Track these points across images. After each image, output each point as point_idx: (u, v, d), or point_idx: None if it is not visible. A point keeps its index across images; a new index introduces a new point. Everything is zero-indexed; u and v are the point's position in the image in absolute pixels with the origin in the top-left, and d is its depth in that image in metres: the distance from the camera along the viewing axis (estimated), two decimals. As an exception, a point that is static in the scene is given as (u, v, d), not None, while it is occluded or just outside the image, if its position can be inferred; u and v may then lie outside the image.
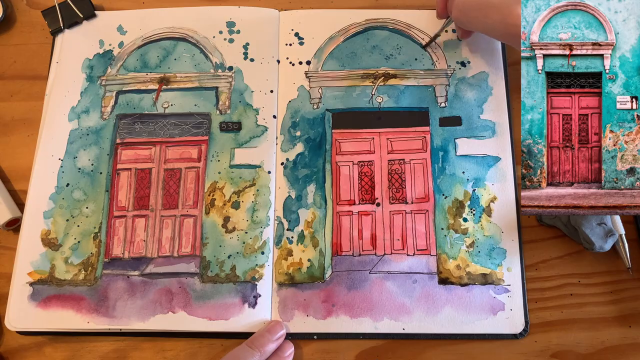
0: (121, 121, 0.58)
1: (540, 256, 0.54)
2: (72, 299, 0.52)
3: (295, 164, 0.56)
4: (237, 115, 0.58)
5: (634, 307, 0.52)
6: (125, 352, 0.52)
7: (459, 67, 0.59)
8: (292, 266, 0.53)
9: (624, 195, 0.59)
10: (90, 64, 0.61)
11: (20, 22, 0.65)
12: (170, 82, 0.60)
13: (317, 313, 0.51)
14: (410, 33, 0.61)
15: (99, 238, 0.54)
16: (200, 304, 0.52)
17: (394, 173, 0.56)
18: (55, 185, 0.56)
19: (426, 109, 0.58)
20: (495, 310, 0.51)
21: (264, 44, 0.61)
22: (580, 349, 0.51)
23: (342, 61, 0.60)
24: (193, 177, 0.56)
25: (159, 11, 0.62)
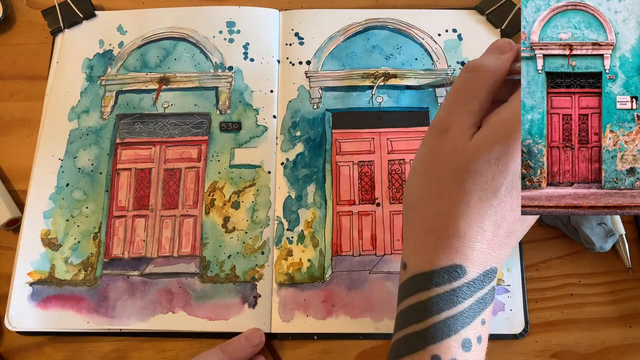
0: (121, 121, 0.58)
1: (540, 256, 0.54)
2: (72, 299, 0.52)
3: (295, 164, 0.56)
4: (237, 115, 0.58)
5: (634, 307, 0.52)
6: (125, 352, 0.52)
7: (459, 67, 0.59)
8: (292, 266, 0.53)
9: (624, 195, 0.59)
10: (90, 64, 0.61)
11: (20, 22, 0.65)
12: (170, 82, 0.60)
13: (317, 313, 0.51)
14: (410, 33, 0.61)
15: (98, 238, 0.54)
16: (200, 304, 0.52)
17: (394, 173, 0.56)
18: (55, 185, 0.56)
19: (426, 109, 0.58)
20: (495, 311, 0.51)
21: (264, 44, 0.61)
22: (581, 349, 0.51)
23: (342, 61, 0.60)
24: (193, 177, 0.56)
25: (159, 11, 0.62)
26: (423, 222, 0.38)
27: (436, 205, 0.37)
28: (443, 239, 0.36)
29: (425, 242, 0.37)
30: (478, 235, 0.36)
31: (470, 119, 0.37)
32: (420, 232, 0.38)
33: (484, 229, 0.36)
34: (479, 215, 0.35)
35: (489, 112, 0.38)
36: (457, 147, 0.36)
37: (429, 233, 0.37)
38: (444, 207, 0.36)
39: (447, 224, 0.36)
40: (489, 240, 0.36)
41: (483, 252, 0.36)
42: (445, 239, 0.36)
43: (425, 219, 0.37)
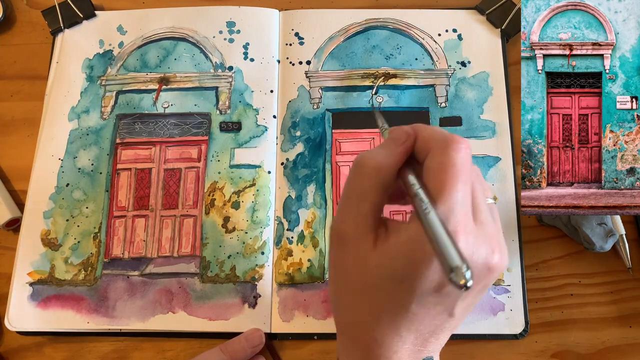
0: (121, 121, 0.58)
1: (541, 256, 0.54)
2: (72, 299, 0.52)
3: (295, 164, 0.56)
4: (237, 115, 0.58)
5: (635, 307, 0.52)
6: (125, 352, 0.52)
7: (459, 67, 0.59)
8: (292, 266, 0.53)
9: (624, 195, 0.59)
10: (90, 64, 0.61)
11: (20, 22, 0.65)
12: (170, 82, 0.60)
13: (317, 313, 0.51)
14: (410, 33, 0.61)
15: (98, 238, 0.54)
16: (200, 304, 0.52)
17: (394, 173, 0.56)
18: (55, 185, 0.56)
19: (426, 109, 0.58)
20: (495, 311, 0.51)
21: (264, 44, 0.61)
22: (581, 349, 0.51)
23: (342, 61, 0.60)
24: (193, 177, 0.56)
25: (159, 11, 0.62)
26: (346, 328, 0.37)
27: (351, 315, 0.36)
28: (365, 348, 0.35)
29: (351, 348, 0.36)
30: (399, 342, 0.34)
31: (364, 223, 0.34)
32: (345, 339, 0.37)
33: (401, 335, 0.34)
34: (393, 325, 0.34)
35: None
36: (359, 259, 0.34)
37: (352, 340, 0.36)
38: (357, 317, 0.35)
39: (365, 334, 0.35)
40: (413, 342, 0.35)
41: (409, 351, 0.35)
42: (367, 348, 0.35)
43: (347, 326, 0.37)
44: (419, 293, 0.32)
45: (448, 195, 0.31)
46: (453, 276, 0.26)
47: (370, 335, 0.34)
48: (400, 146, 0.35)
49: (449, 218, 0.30)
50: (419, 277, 0.31)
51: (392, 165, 0.34)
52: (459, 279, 0.26)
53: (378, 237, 0.33)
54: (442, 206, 0.30)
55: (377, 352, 0.34)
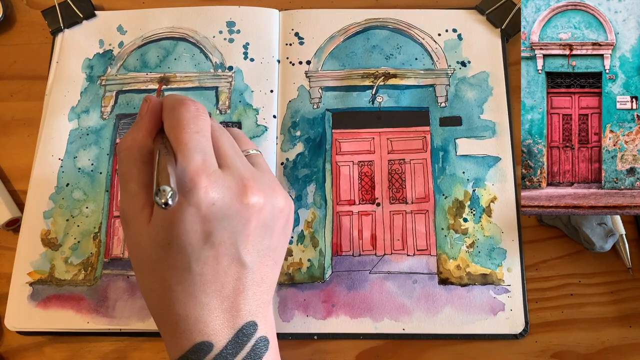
0: (121, 121, 0.58)
1: (541, 256, 0.54)
2: (72, 299, 0.52)
3: (295, 164, 0.56)
4: (237, 115, 0.58)
5: (635, 307, 0.52)
6: (125, 352, 0.52)
7: (459, 67, 0.59)
8: (292, 266, 0.53)
9: (624, 195, 0.59)
10: (90, 64, 0.61)
11: (20, 22, 0.65)
12: (170, 81, 0.60)
13: (317, 313, 0.51)
14: (410, 33, 0.61)
15: (98, 238, 0.54)
16: (200, 304, 0.51)
17: (394, 173, 0.56)
18: (55, 185, 0.56)
19: (426, 108, 0.58)
20: (495, 311, 0.51)
21: (264, 44, 0.61)
22: (581, 349, 0.51)
23: (342, 61, 0.60)
24: (193, 177, 0.56)
25: (159, 11, 0.62)
26: (154, 315, 0.37)
27: (150, 297, 0.36)
28: (174, 327, 0.35)
29: (165, 333, 0.36)
30: (203, 311, 0.34)
31: (136, 202, 0.36)
32: (162, 331, 0.37)
33: (201, 301, 0.34)
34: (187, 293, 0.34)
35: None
36: (137, 237, 0.35)
37: (161, 324, 0.36)
38: (154, 299, 0.36)
39: (169, 315, 0.35)
40: (220, 307, 0.35)
41: (220, 318, 0.35)
42: (175, 325, 0.35)
43: (154, 312, 0.37)
44: (189, 249, 0.33)
45: (182, 145, 0.33)
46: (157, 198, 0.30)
47: (173, 312, 0.35)
48: (144, 117, 0.38)
49: (188, 164, 0.33)
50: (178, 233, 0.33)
51: (141, 139, 0.37)
52: (161, 199, 0.30)
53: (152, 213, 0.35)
54: (179, 155, 0.33)
55: (189, 329, 0.34)
